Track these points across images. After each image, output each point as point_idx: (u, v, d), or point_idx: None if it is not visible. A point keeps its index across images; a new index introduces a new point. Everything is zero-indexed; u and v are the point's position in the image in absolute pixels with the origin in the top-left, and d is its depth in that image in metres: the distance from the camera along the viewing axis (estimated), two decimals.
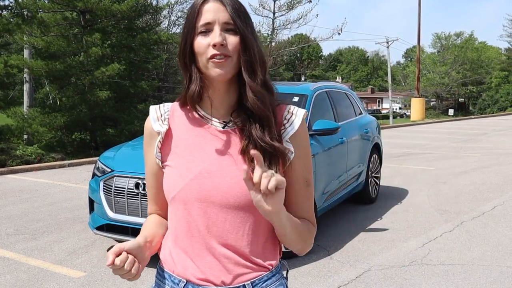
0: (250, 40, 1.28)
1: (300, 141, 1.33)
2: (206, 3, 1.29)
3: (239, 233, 1.29)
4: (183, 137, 1.36)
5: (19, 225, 6.08)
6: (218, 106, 1.34)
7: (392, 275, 4.44)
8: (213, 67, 1.26)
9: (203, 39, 1.27)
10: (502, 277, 4.37)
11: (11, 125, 13.37)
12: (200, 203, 1.29)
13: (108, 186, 4.67)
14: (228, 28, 1.27)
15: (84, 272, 4.50)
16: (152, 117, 1.41)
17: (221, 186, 1.28)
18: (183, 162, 1.33)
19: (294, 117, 1.34)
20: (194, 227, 1.30)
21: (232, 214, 1.28)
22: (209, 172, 1.29)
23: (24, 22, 13.93)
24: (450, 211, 6.76)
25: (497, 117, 35.33)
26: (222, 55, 1.25)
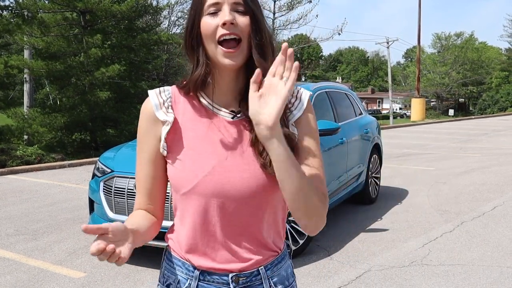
0: (261, 21, 1.24)
1: (306, 122, 1.31)
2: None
3: (253, 223, 1.30)
4: (190, 127, 1.30)
5: (19, 225, 6.09)
6: (223, 94, 1.30)
7: (392, 275, 4.44)
8: (223, 56, 1.22)
9: (211, 19, 1.22)
10: (502, 278, 4.37)
11: (11, 125, 13.38)
12: (216, 198, 1.27)
13: (108, 187, 4.67)
14: (238, 9, 1.22)
15: (84, 273, 4.50)
16: (154, 103, 1.32)
17: (236, 181, 1.26)
18: (193, 155, 1.28)
19: (298, 102, 1.32)
20: (209, 221, 1.29)
21: (246, 206, 1.28)
22: (223, 167, 1.26)
23: (24, 23, 13.94)
24: (450, 211, 6.76)
25: (497, 117, 35.33)
26: (232, 35, 1.20)
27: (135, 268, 4.60)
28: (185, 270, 1.36)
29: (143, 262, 4.74)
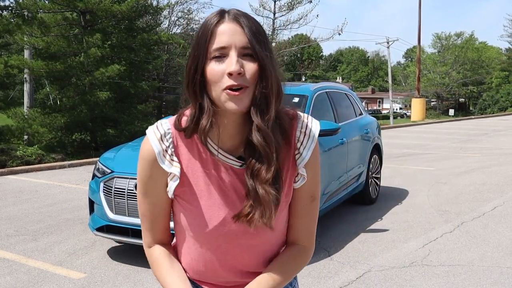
0: (268, 68, 1.14)
1: (313, 162, 1.28)
2: (220, 24, 1.15)
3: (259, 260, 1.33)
4: (198, 175, 1.25)
5: (19, 226, 6.08)
6: (230, 138, 1.23)
7: (393, 276, 4.44)
8: (229, 100, 1.13)
9: (217, 65, 1.13)
10: (503, 278, 4.36)
11: (11, 125, 13.38)
12: (226, 244, 1.29)
13: (108, 187, 4.67)
14: (246, 53, 1.13)
15: (84, 274, 4.50)
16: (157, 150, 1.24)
17: (247, 229, 1.25)
18: (205, 204, 1.25)
19: (307, 140, 1.25)
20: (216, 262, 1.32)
21: (254, 249, 1.32)
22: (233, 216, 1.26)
23: (24, 23, 13.94)
24: (451, 211, 6.76)
25: (497, 117, 35.31)
26: (239, 86, 1.12)
27: (135, 269, 4.60)
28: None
29: (143, 263, 4.74)
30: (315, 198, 1.32)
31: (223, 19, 1.15)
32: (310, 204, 1.32)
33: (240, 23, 1.14)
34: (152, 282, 4.27)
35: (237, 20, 1.15)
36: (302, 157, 1.24)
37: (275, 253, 1.36)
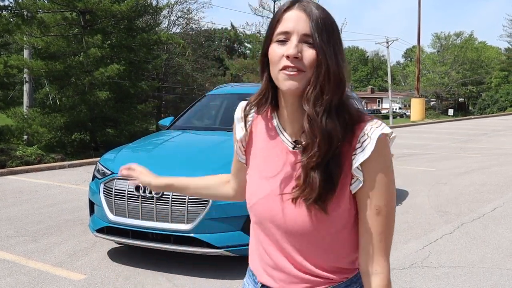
0: (327, 58, 1.17)
1: (374, 166, 1.21)
2: (288, 10, 1.22)
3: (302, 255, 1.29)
4: (260, 148, 1.35)
5: (19, 227, 6.08)
6: (290, 122, 1.28)
7: (393, 277, 4.41)
8: (284, 79, 1.19)
9: (278, 47, 1.20)
10: (503, 280, 4.37)
11: (11, 125, 13.38)
12: (265, 222, 1.31)
13: (109, 189, 4.66)
14: (307, 41, 1.18)
15: (85, 275, 4.50)
16: (236, 116, 1.44)
17: (284, 212, 1.26)
18: (258, 176, 1.34)
19: (368, 141, 1.20)
20: (262, 240, 1.35)
21: (293, 238, 1.28)
22: (276, 195, 1.28)
23: (24, 23, 13.94)
24: (451, 212, 6.76)
25: (497, 117, 35.33)
26: (295, 68, 1.17)
27: (135, 270, 4.60)
28: (252, 282, 1.43)
29: (143, 264, 4.74)
30: (380, 211, 1.22)
31: (292, 7, 1.22)
32: (374, 218, 1.23)
33: (307, 12, 1.20)
34: (153, 284, 4.27)
35: (304, 9, 1.20)
36: (357, 158, 1.21)
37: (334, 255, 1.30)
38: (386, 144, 1.22)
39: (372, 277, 1.25)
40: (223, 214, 4.26)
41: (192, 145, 5.50)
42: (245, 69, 28.95)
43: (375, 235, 1.24)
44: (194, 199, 4.25)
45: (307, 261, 1.29)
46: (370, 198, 1.22)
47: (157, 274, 4.50)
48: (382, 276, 1.25)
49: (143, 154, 5.26)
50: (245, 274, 1.51)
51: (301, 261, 1.30)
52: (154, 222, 4.36)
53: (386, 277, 1.25)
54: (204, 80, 29.36)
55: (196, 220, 4.23)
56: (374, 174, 1.21)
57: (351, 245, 1.30)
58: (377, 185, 1.21)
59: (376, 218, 1.23)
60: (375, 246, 1.24)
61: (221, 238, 4.27)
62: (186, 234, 4.27)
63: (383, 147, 1.21)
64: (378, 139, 1.20)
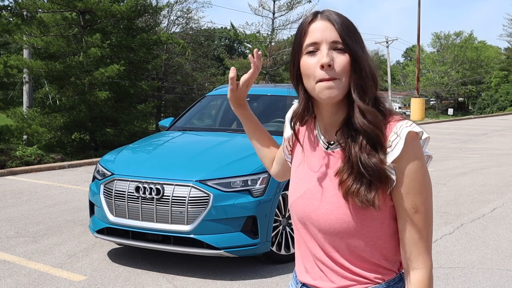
0: (361, 59, 1.24)
1: (405, 164, 1.22)
2: (313, 22, 1.27)
3: (338, 253, 1.32)
4: (303, 149, 1.42)
5: (19, 227, 6.09)
6: (327, 126, 1.34)
7: None
8: (321, 90, 1.23)
9: (310, 59, 1.25)
10: (502, 281, 4.37)
11: (10, 125, 13.38)
12: (302, 220, 1.36)
13: (109, 190, 4.67)
14: (337, 47, 1.23)
15: (85, 276, 4.50)
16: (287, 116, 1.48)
17: (318, 210, 1.31)
18: (297, 175, 1.41)
19: (398, 140, 1.23)
20: (303, 238, 1.39)
21: (329, 237, 1.31)
22: (312, 193, 1.33)
23: (23, 22, 13.94)
24: (450, 213, 6.77)
25: (496, 117, 35.35)
26: (330, 78, 1.22)
27: (135, 271, 4.60)
28: (295, 282, 1.48)
29: (143, 265, 4.75)
30: (418, 209, 1.24)
31: (315, 18, 1.27)
32: (413, 216, 1.24)
33: (331, 21, 1.25)
34: (153, 285, 4.28)
35: (328, 18, 1.25)
36: (389, 156, 1.23)
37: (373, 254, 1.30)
38: (416, 142, 1.24)
39: (414, 271, 1.28)
40: (223, 215, 4.27)
41: (192, 146, 5.51)
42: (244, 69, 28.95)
43: (415, 233, 1.26)
44: (194, 200, 4.26)
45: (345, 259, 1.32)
46: (406, 197, 1.24)
47: (157, 275, 4.50)
48: (424, 271, 1.27)
49: (143, 155, 5.26)
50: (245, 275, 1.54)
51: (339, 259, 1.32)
52: (154, 223, 4.37)
53: (427, 272, 1.28)
54: (204, 80, 29.37)
55: (196, 221, 4.24)
56: (406, 173, 1.23)
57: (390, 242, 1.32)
58: (411, 183, 1.23)
59: (415, 216, 1.25)
60: (416, 244, 1.26)
61: (221, 239, 4.27)
62: (186, 235, 4.28)
63: (413, 145, 1.23)
64: (407, 137, 1.22)
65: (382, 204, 1.25)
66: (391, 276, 1.33)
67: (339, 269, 1.33)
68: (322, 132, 1.36)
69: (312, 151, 1.37)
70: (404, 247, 1.28)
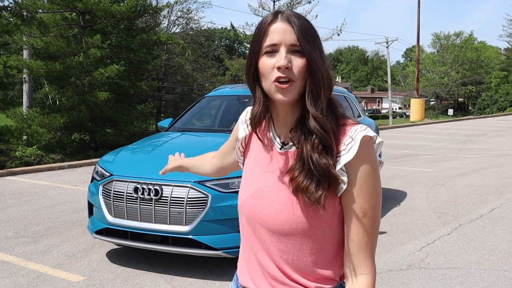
0: (317, 63, 1.25)
1: (358, 167, 1.23)
2: (273, 23, 1.27)
3: (283, 256, 1.30)
4: (255, 150, 1.42)
5: (19, 228, 6.10)
6: (281, 126, 1.35)
7: (390, 279, 4.46)
8: (277, 91, 1.25)
9: (268, 59, 1.26)
10: (499, 281, 4.39)
11: (10, 126, 13.39)
12: (252, 220, 1.35)
13: (107, 190, 4.68)
14: (295, 50, 1.25)
15: (83, 276, 4.52)
16: (241, 117, 1.51)
17: (268, 210, 1.30)
18: (248, 176, 1.40)
19: (352, 143, 1.23)
20: (249, 241, 1.37)
21: (277, 238, 1.30)
22: (263, 193, 1.32)
23: (23, 23, 13.94)
24: (448, 213, 6.78)
25: (496, 118, 35.35)
26: (287, 78, 1.23)
27: (134, 271, 4.62)
28: (235, 286, 1.47)
29: (142, 265, 4.76)
30: (366, 214, 1.23)
31: (276, 19, 1.27)
32: (361, 220, 1.24)
33: (290, 23, 1.25)
34: (151, 285, 4.29)
35: (289, 20, 1.26)
36: (342, 159, 1.23)
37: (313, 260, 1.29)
38: (370, 146, 1.25)
39: (360, 277, 1.26)
40: (221, 216, 4.28)
41: (191, 147, 5.52)
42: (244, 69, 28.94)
43: (363, 237, 1.25)
44: (192, 201, 4.28)
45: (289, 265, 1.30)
46: (356, 200, 1.24)
47: (155, 275, 4.52)
48: (370, 276, 1.27)
49: (142, 156, 5.27)
50: None
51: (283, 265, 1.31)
52: (152, 224, 4.38)
53: (373, 277, 1.27)
54: (204, 80, 29.38)
55: (194, 222, 4.25)
56: (358, 176, 1.23)
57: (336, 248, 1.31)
58: (362, 186, 1.23)
59: (363, 220, 1.24)
60: (363, 248, 1.26)
61: (219, 240, 4.29)
62: (184, 235, 4.29)
63: (367, 149, 1.24)
64: (362, 141, 1.23)
65: (330, 206, 1.25)
66: (332, 285, 1.32)
67: (281, 276, 1.31)
68: (277, 133, 1.36)
69: (266, 152, 1.37)
70: (350, 251, 1.27)
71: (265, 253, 1.33)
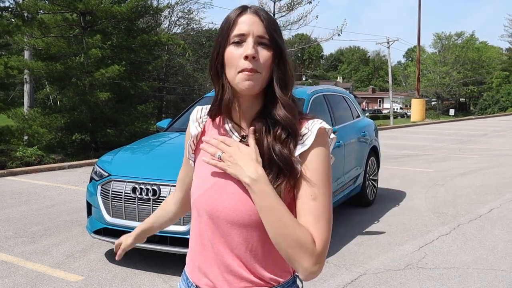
0: (283, 55, 1.29)
1: (312, 157, 1.28)
2: (242, 15, 1.29)
3: (242, 249, 1.30)
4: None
5: (18, 228, 6.12)
6: (242, 118, 1.35)
7: (388, 279, 4.47)
8: (242, 80, 1.26)
9: (235, 49, 1.27)
10: (496, 281, 4.39)
11: (11, 126, 13.42)
12: (208, 215, 1.33)
13: (106, 190, 4.70)
14: (262, 42, 1.27)
15: (82, 276, 4.53)
16: (192, 117, 1.47)
17: (226, 202, 1.30)
18: (204, 170, 1.37)
19: (309, 134, 1.29)
20: (204, 236, 1.35)
21: (236, 230, 1.29)
22: (220, 186, 1.32)
23: (24, 24, 13.96)
24: (447, 213, 6.78)
25: (497, 118, 35.31)
26: (253, 69, 1.25)
27: (132, 271, 4.63)
28: (186, 284, 1.45)
29: (140, 265, 4.78)
30: (316, 197, 1.27)
31: (245, 12, 1.30)
32: (311, 203, 1.27)
33: (259, 16, 1.29)
34: (149, 285, 4.31)
35: (257, 13, 1.29)
36: (297, 148, 1.28)
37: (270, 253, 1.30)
38: (325, 138, 1.31)
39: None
40: None
41: None
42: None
43: (310, 218, 1.25)
44: None
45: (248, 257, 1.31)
46: (307, 186, 1.27)
47: (153, 275, 4.53)
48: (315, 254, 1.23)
49: (140, 156, 5.29)
50: None
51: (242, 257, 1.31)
52: None
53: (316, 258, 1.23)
54: (205, 81, 29.39)
55: None
56: (312, 164, 1.28)
57: None
58: (314, 174, 1.28)
59: (312, 204, 1.26)
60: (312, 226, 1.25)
61: None
62: (182, 235, 4.31)
63: (322, 140, 1.30)
64: (318, 132, 1.29)
65: (287, 196, 1.28)
66: (286, 278, 1.34)
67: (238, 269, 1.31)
68: (235, 127, 1.36)
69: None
70: None
71: (224, 246, 1.32)
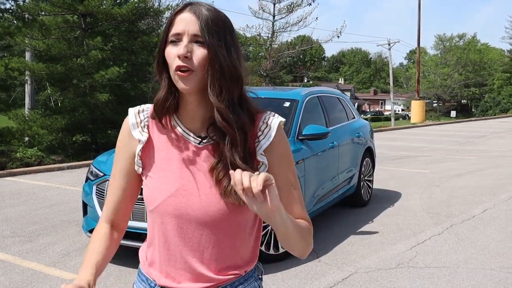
0: (218, 55, 1.25)
1: (277, 149, 1.33)
2: (180, 13, 1.29)
3: (214, 248, 1.34)
4: (162, 149, 1.37)
5: (16, 227, 6.20)
6: (191, 119, 1.34)
7: (378, 277, 4.53)
8: (178, 80, 1.26)
9: (172, 48, 1.27)
10: (485, 280, 4.45)
11: (11, 127, 13.51)
12: (176, 219, 1.33)
13: (101, 190, 4.78)
14: (197, 41, 1.26)
15: (77, 274, 4.59)
16: (131, 122, 1.39)
17: (196, 205, 1.31)
18: (163, 175, 1.35)
19: (268, 129, 1.33)
20: (170, 241, 1.35)
21: (207, 231, 1.32)
22: (186, 189, 1.32)
23: (25, 25, 14.07)
24: (441, 214, 6.84)
25: (498, 119, 35.32)
26: (186, 67, 1.25)
27: (126, 269, 4.70)
28: (148, 286, 1.43)
29: (134, 264, 4.84)
30: (295, 186, 1.38)
31: (184, 10, 1.29)
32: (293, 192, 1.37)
33: (196, 14, 1.27)
34: None
35: (194, 11, 1.27)
36: (261, 144, 1.32)
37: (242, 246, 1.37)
38: (283, 130, 1.38)
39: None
40: None
41: None
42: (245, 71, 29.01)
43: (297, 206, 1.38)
44: None
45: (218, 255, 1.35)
46: (283, 177, 1.35)
47: None
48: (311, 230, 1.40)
49: None
50: None
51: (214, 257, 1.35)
52: (145, 223, 4.46)
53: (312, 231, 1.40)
54: None
55: None
56: (280, 156, 1.35)
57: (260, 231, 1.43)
58: (286, 163, 1.37)
59: (294, 192, 1.38)
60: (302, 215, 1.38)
61: None
62: None
63: (282, 133, 1.36)
64: (278, 126, 1.35)
65: None
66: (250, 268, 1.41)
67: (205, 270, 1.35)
68: (187, 127, 1.35)
69: (178, 149, 1.35)
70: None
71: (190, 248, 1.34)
